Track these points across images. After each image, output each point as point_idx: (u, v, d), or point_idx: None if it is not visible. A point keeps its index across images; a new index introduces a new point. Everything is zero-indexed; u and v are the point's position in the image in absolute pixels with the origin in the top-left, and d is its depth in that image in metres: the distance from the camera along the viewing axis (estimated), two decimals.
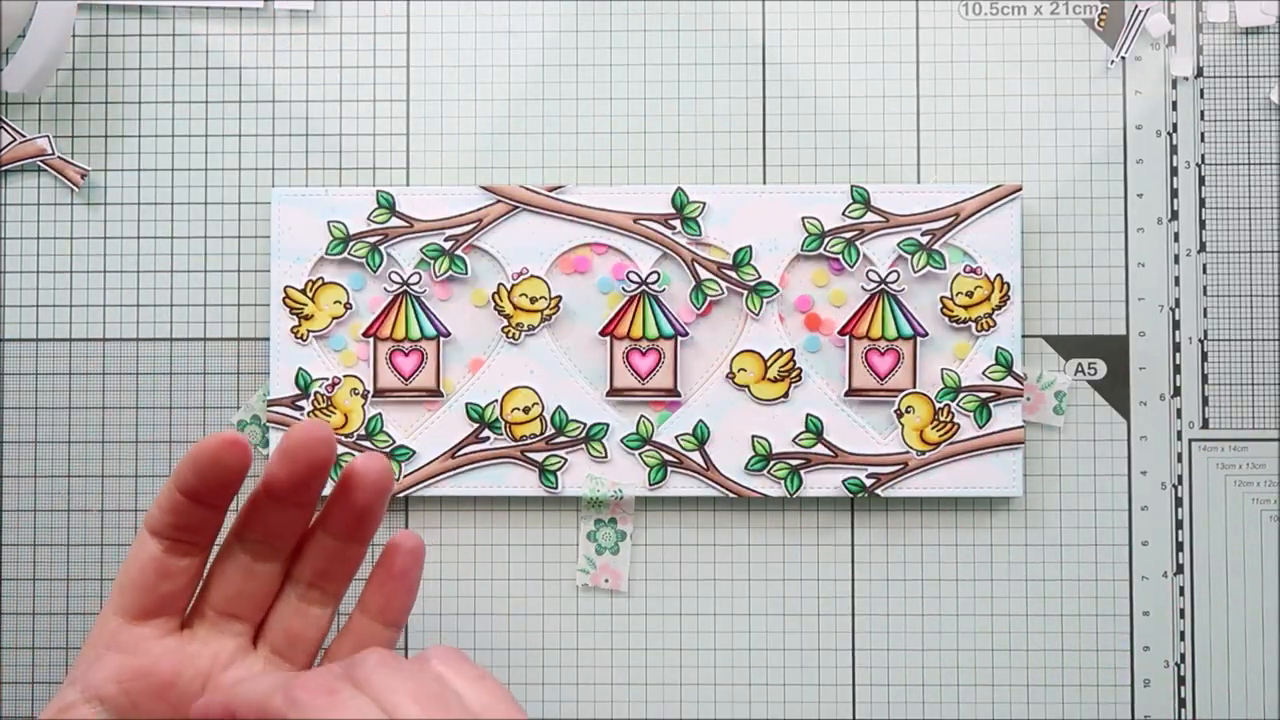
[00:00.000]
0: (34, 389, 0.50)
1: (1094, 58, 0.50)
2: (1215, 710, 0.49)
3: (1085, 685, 0.49)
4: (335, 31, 0.50)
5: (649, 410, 0.49)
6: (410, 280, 0.49)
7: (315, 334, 0.49)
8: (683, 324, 0.49)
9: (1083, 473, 0.49)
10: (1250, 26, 0.50)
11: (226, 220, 0.50)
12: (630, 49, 0.50)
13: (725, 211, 0.49)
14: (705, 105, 0.50)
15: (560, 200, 0.49)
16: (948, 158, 0.50)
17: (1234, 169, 0.49)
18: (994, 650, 0.49)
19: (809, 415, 0.49)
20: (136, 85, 0.50)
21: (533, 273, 0.49)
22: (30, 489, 0.50)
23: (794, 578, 0.49)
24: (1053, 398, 0.49)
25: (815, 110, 0.50)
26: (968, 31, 0.50)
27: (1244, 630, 0.49)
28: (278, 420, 0.49)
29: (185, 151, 0.50)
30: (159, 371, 0.50)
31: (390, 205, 0.49)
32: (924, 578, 0.49)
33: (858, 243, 0.48)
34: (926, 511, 0.49)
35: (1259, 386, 0.49)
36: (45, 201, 0.50)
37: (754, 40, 0.50)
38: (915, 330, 0.48)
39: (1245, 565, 0.49)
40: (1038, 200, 0.49)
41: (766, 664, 0.49)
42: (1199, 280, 0.49)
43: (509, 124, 0.50)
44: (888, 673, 0.49)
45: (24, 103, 0.50)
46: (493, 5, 0.50)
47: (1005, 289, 0.48)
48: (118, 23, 0.50)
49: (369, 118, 0.50)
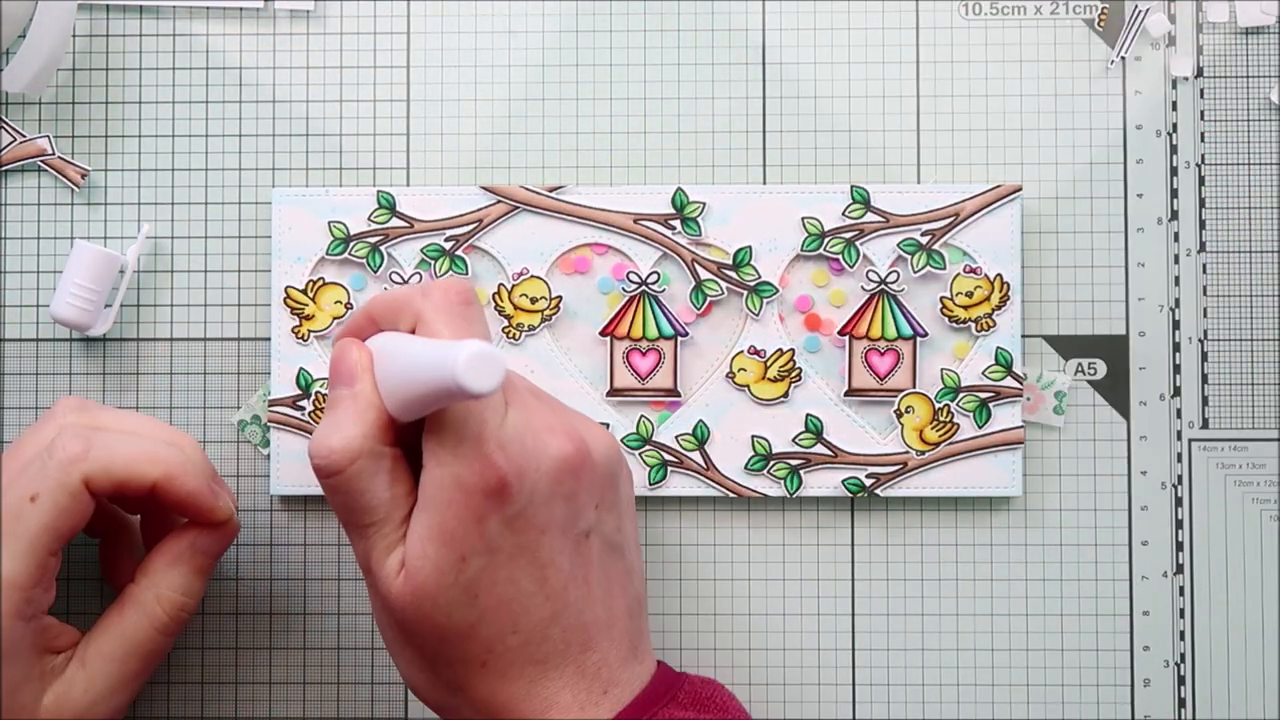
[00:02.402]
0: (34, 389, 0.50)
1: (1094, 58, 0.50)
2: (1215, 710, 0.49)
3: (1085, 685, 0.49)
4: (335, 31, 0.50)
5: (649, 410, 0.49)
6: (411, 280, 0.49)
7: (316, 334, 0.49)
8: (683, 324, 0.49)
9: (1083, 473, 0.49)
10: (1250, 26, 0.50)
11: (226, 220, 0.50)
12: (630, 49, 0.50)
13: (725, 211, 0.49)
14: (705, 105, 0.50)
15: (560, 200, 0.49)
16: (948, 158, 0.50)
17: (1234, 169, 0.49)
18: (994, 650, 0.49)
19: (809, 415, 0.49)
20: (136, 85, 0.50)
21: (533, 273, 0.49)
22: None
23: (794, 578, 0.49)
24: (1053, 398, 0.49)
25: (815, 110, 0.50)
26: (968, 31, 0.50)
27: (1244, 630, 0.49)
28: (278, 420, 0.49)
29: (185, 151, 0.50)
30: (159, 371, 0.50)
31: (391, 205, 0.49)
32: (924, 578, 0.49)
33: (858, 243, 0.48)
34: (926, 511, 0.49)
35: (1259, 386, 0.49)
36: (45, 201, 0.50)
37: (754, 40, 0.50)
38: (915, 330, 0.49)
39: (1245, 565, 0.49)
40: (1038, 200, 0.49)
41: (766, 664, 0.49)
42: (1199, 280, 0.49)
43: (509, 124, 0.50)
44: (888, 673, 0.49)
45: (24, 103, 0.50)
46: (493, 5, 0.50)
47: (1005, 289, 0.48)
48: (118, 23, 0.50)
49: (369, 118, 0.50)
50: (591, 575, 0.40)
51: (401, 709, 0.49)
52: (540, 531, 0.39)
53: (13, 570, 0.40)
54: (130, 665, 0.43)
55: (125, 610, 0.44)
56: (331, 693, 0.49)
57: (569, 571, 0.40)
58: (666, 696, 0.41)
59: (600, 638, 0.40)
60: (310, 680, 0.49)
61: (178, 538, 0.44)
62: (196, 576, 0.44)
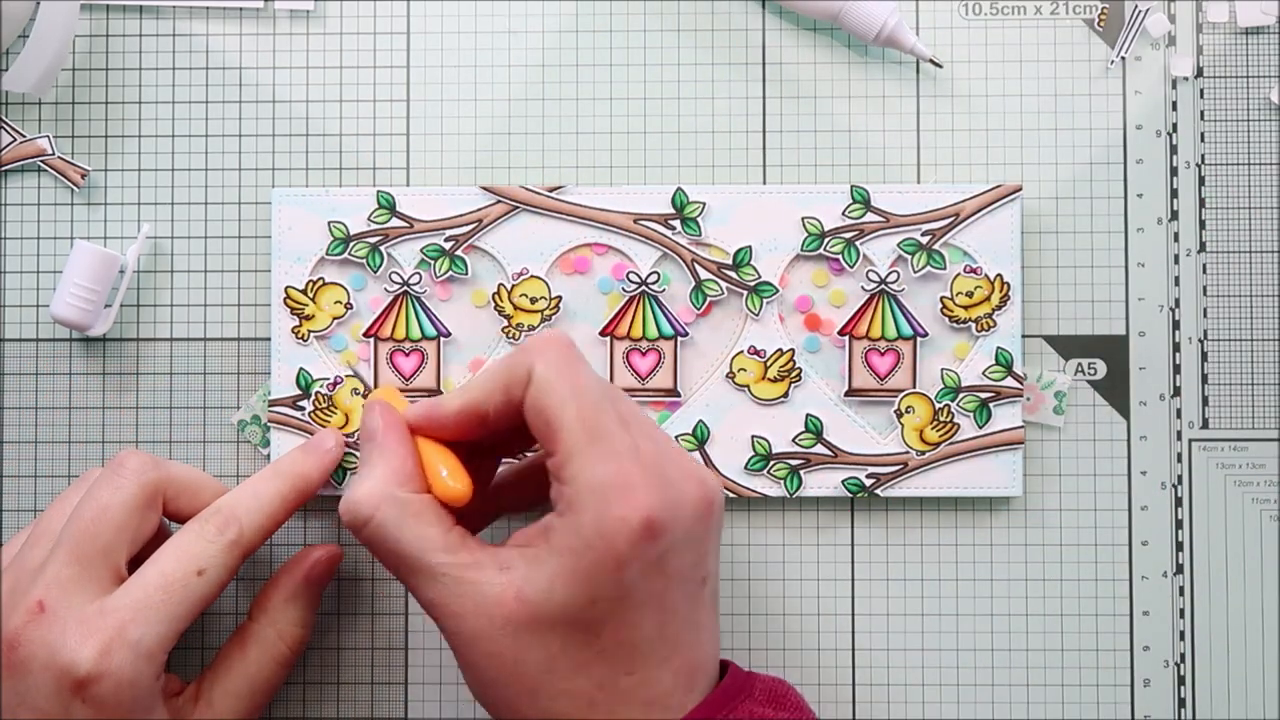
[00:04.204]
0: (34, 389, 0.50)
1: (1094, 58, 0.50)
2: (1215, 710, 0.49)
3: (1085, 685, 0.49)
4: (335, 31, 0.50)
5: (649, 410, 0.49)
6: (411, 280, 0.49)
7: (316, 334, 0.49)
8: (683, 324, 0.49)
9: (1083, 473, 0.49)
10: (1250, 26, 0.50)
11: (226, 220, 0.50)
12: (630, 49, 0.50)
13: (725, 211, 0.49)
14: (705, 105, 0.50)
15: (560, 200, 0.49)
16: (948, 158, 0.50)
17: (1234, 169, 0.49)
18: (994, 650, 0.49)
19: (809, 415, 0.49)
20: (136, 85, 0.50)
21: (533, 273, 0.49)
22: (30, 489, 0.50)
23: (794, 578, 0.49)
24: (1053, 398, 0.49)
25: (815, 110, 0.50)
26: (968, 31, 0.50)
27: (1244, 630, 0.49)
28: (279, 420, 0.49)
29: (185, 151, 0.50)
30: (159, 371, 0.50)
31: (390, 205, 0.49)
32: (924, 578, 0.49)
33: (858, 243, 0.48)
34: (926, 511, 0.49)
35: (1259, 386, 0.49)
36: (45, 201, 0.50)
37: (754, 40, 0.50)
38: (915, 330, 0.49)
39: (1245, 565, 0.49)
40: (1038, 200, 0.49)
41: (767, 664, 0.49)
42: (1199, 280, 0.49)
43: (509, 124, 0.50)
44: (888, 673, 0.49)
45: (24, 103, 0.50)
46: (493, 5, 0.50)
47: (1005, 289, 0.48)
48: (118, 23, 0.50)
49: (369, 118, 0.50)
50: (702, 621, 0.41)
51: (401, 709, 0.49)
52: (669, 577, 0.39)
53: (162, 635, 0.41)
54: (256, 700, 0.45)
55: (248, 648, 0.45)
56: (331, 693, 0.49)
57: (686, 617, 0.40)
58: (744, 692, 0.41)
59: (700, 679, 0.40)
60: (310, 680, 0.49)
61: (290, 573, 0.46)
62: (310, 609, 0.46)
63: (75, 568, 0.41)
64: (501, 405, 0.41)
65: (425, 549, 0.40)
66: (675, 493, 0.39)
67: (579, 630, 0.38)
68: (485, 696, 0.41)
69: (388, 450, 0.42)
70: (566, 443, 0.39)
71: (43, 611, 0.40)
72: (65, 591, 0.41)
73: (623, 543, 0.37)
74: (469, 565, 0.39)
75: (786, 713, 0.41)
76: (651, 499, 0.38)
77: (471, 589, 0.39)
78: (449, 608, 0.39)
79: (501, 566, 0.39)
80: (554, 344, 0.40)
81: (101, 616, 0.40)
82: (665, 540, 0.38)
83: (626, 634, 0.39)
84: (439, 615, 0.40)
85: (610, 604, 0.38)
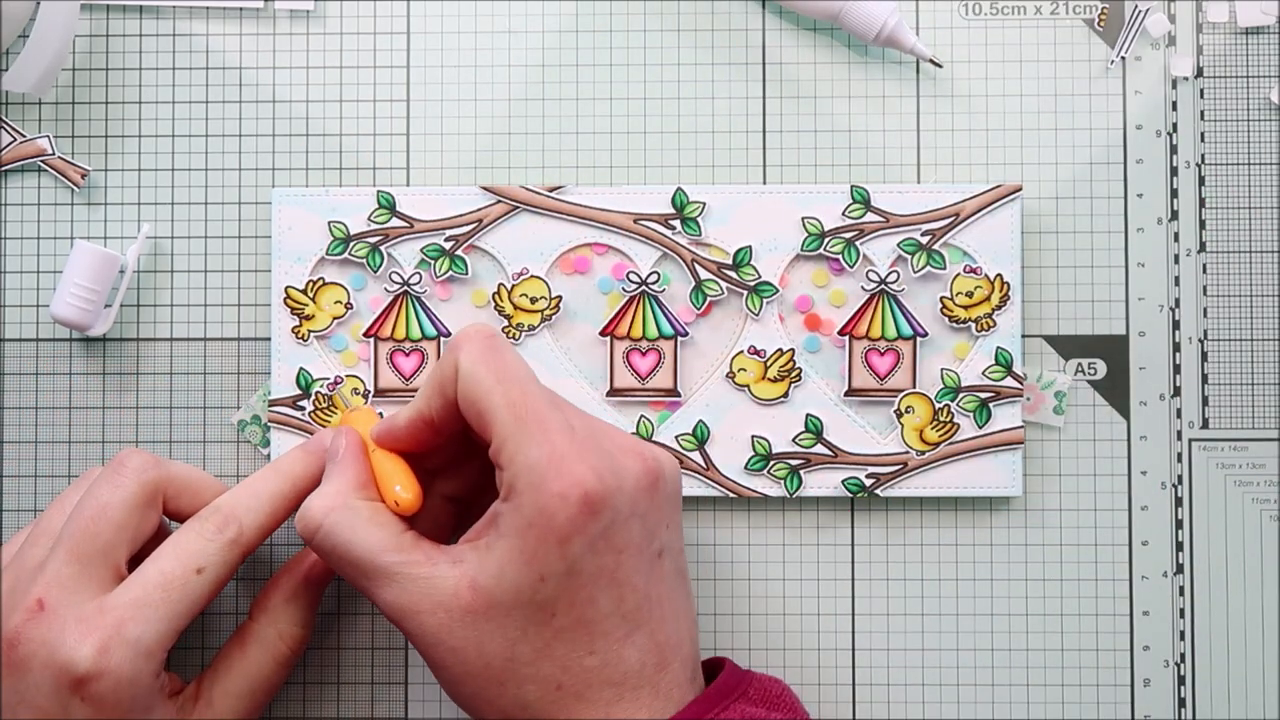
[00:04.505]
0: (34, 389, 0.50)
1: (1094, 58, 0.50)
2: (1215, 710, 0.49)
3: (1085, 685, 0.49)
4: (335, 31, 0.50)
5: (649, 410, 0.49)
6: (411, 280, 0.49)
7: (316, 334, 0.49)
8: (683, 324, 0.49)
9: (1083, 473, 0.49)
10: (1250, 26, 0.50)
11: (226, 220, 0.50)
12: (630, 49, 0.50)
13: (725, 211, 0.49)
14: (705, 105, 0.50)
15: (560, 200, 0.49)
16: (948, 158, 0.50)
17: (1234, 169, 0.49)
18: (994, 650, 0.49)
19: (809, 415, 0.49)
20: (136, 85, 0.50)
21: (533, 273, 0.49)
22: (30, 489, 0.50)
23: (794, 578, 0.49)
24: (1053, 398, 0.49)
25: (815, 110, 0.50)
26: (968, 31, 0.50)
27: (1244, 630, 0.49)
28: (278, 420, 0.49)
29: (185, 151, 0.50)
30: (159, 371, 0.50)
31: (390, 205, 0.49)
32: (924, 578, 0.49)
33: (858, 243, 0.48)
34: (926, 511, 0.49)
35: (1259, 386, 0.49)
36: (45, 201, 0.50)
37: (754, 40, 0.50)
38: (915, 330, 0.49)
39: (1245, 565, 0.49)
40: (1038, 200, 0.49)
41: (766, 664, 0.49)
42: (1199, 280, 0.49)
43: (509, 124, 0.50)
44: (888, 673, 0.49)
45: (24, 103, 0.50)
46: (493, 5, 0.50)
47: (1005, 289, 0.48)
48: (118, 23, 0.50)
49: (369, 118, 0.50)
50: (664, 595, 0.41)
51: (401, 709, 0.49)
52: (619, 552, 0.39)
53: (161, 634, 0.41)
54: (256, 700, 0.45)
55: (248, 648, 0.45)
56: (331, 693, 0.49)
57: (643, 591, 0.40)
58: (738, 691, 0.41)
59: (672, 658, 0.41)
60: (310, 680, 0.49)
61: (290, 573, 0.46)
62: (311, 609, 0.46)
63: (75, 566, 0.41)
64: (441, 408, 0.42)
65: (376, 550, 0.40)
66: (613, 465, 0.39)
67: (535, 610, 0.39)
68: (459, 695, 0.41)
69: (344, 465, 0.43)
70: (499, 429, 0.39)
71: (42, 610, 0.40)
72: (65, 590, 0.41)
73: (563, 518, 0.38)
74: (421, 563, 0.40)
75: (780, 713, 0.41)
76: (587, 473, 0.38)
77: (426, 584, 0.39)
78: (407, 607, 0.40)
79: (454, 561, 0.40)
80: (475, 336, 0.41)
81: (100, 615, 0.40)
82: (607, 513, 0.38)
83: (580, 611, 0.39)
84: (399, 617, 0.40)
85: (560, 580, 0.38)
